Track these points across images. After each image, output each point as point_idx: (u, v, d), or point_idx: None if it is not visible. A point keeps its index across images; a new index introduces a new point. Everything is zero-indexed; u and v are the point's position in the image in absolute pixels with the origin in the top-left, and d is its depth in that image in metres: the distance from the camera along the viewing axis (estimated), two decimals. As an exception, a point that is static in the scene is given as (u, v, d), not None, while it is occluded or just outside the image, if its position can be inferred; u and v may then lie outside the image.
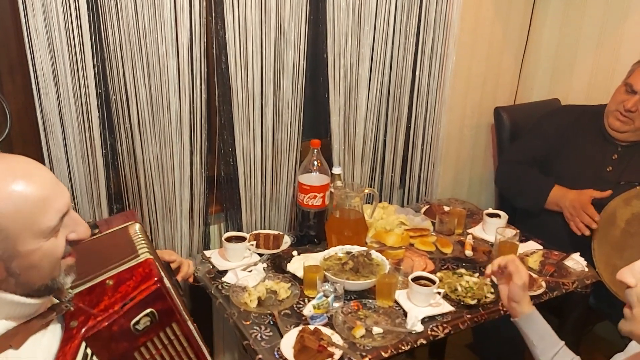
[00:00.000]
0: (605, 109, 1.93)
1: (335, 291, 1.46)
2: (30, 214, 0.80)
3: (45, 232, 0.82)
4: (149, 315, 0.94)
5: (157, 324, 0.96)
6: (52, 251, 0.84)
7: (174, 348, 1.01)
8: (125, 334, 0.92)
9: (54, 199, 0.83)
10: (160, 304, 0.95)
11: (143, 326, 0.93)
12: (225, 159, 1.75)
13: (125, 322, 0.92)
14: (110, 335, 0.91)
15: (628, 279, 0.88)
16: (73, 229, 0.88)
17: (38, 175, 0.83)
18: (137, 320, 0.92)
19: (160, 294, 0.95)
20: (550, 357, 1.25)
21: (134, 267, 0.97)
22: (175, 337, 1.00)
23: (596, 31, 2.24)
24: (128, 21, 1.43)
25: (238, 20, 1.57)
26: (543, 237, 1.89)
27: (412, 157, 2.17)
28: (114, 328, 0.91)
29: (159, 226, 1.69)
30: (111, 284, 0.95)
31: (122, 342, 0.93)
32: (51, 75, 1.39)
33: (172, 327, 0.99)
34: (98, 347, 0.90)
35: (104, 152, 1.53)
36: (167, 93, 1.54)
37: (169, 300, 0.97)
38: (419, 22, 1.93)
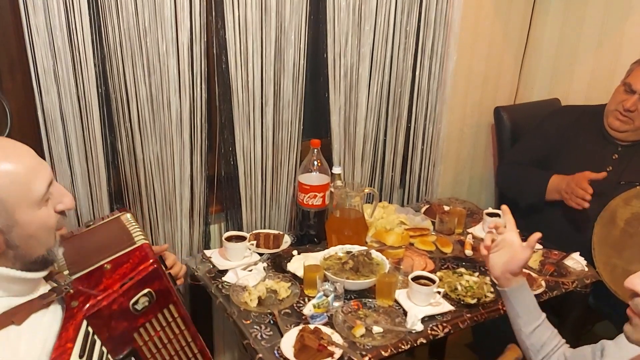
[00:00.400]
0: (605, 109, 1.93)
1: (335, 290, 1.46)
2: (24, 184, 0.88)
3: (38, 200, 0.89)
4: (147, 295, 0.97)
5: (155, 305, 0.99)
6: (46, 220, 0.91)
7: (171, 330, 1.04)
8: (124, 313, 0.96)
9: (39, 170, 0.91)
10: (157, 284, 0.99)
11: (142, 306, 0.97)
12: (226, 158, 1.75)
13: (125, 301, 0.95)
14: (110, 314, 0.94)
15: (638, 288, 0.84)
16: (60, 200, 0.95)
17: (23, 151, 0.92)
18: (136, 299, 0.96)
19: (157, 274, 0.99)
20: (532, 328, 1.26)
21: (131, 251, 1.01)
22: (172, 319, 1.04)
23: (597, 31, 2.24)
24: (128, 20, 1.43)
25: (238, 20, 1.57)
26: (544, 236, 1.87)
27: (412, 157, 2.17)
28: (113, 307, 0.94)
29: (159, 225, 1.69)
30: (109, 267, 0.98)
31: (121, 321, 0.96)
32: (52, 74, 1.39)
33: (169, 309, 1.02)
34: (99, 325, 0.94)
35: (104, 151, 1.53)
36: (167, 92, 1.54)
37: (166, 281, 1.01)
38: (419, 22, 1.93)
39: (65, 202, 0.95)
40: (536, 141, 2.07)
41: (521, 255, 1.28)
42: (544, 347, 1.24)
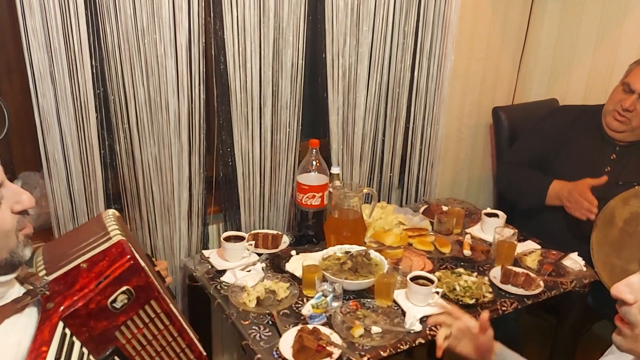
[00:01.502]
0: (603, 109, 1.93)
1: (334, 291, 1.46)
2: None
3: None
4: (126, 293, 0.94)
5: (135, 301, 0.96)
6: (1, 224, 0.85)
7: (155, 327, 1.02)
8: (103, 312, 0.93)
9: None
10: (135, 280, 0.96)
11: (121, 304, 0.94)
12: (224, 159, 1.75)
13: (102, 299, 0.92)
14: (87, 313, 0.91)
15: (625, 296, 0.81)
16: (16, 200, 0.89)
17: None
18: (114, 298, 0.93)
19: (135, 269, 0.96)
20: None
21: (107, 248, 0.98)
22: (155, 315, 1.01)
23: (594, 31, 2.25)
24: (126, 21, 1.43)
25: (237, 21, 1.58)
26: (542, 236, 1.89)
27: (411, 157, 2.17)
28: (91, 306, 0.91)
29: (158, 226, 1.69)
30: (85, 266, 0.95)
31: (101, 320, 0.93)
32: (49, 76, 1.38)
33: (151, 305, 0.99)
34: (76, 325, 0.91)
35: (102, 153, 1.53)
36: (165, 93, 1.54)
37: (144, 276, 0.97)
38: (417, 22, 1.93)
39: (23, 202, 0.90)
40: (534, 141, 2.08)
41: (483, 339, 1.24)
42: None
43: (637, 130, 1.85)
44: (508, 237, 1.69)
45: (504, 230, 1.72)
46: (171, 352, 1.08)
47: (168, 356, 1.08)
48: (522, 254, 1.74)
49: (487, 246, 1.78)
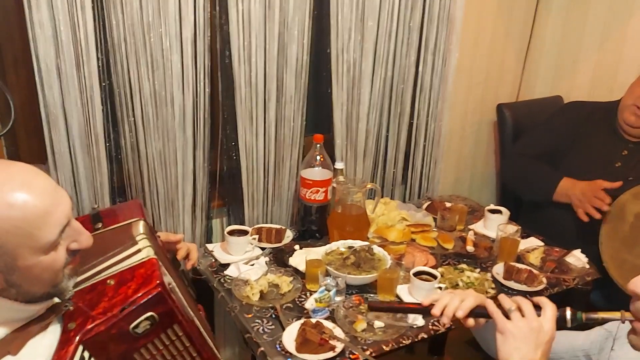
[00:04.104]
0: (617, 105, 1.91)
1: (337, 285, 1.46)
2: (29, 229, 0.77)
3: (45, 247, 0.79)
4: (149, 319, 0.91)
5: (158, 327, 0.93)
6: (52, 264, 0.82)
7: (175, 348, 0.99)
8: (124, 336, 0.90)
9: (53, 212, 0.79)
10: (161, 308, 0.93)
11: (143, 329, 0.91)
12: (228, 154, 1.75)
13: (124, 325, 0.89)
14: (108, 338, 0.89)
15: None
16: (75, 239, 0.85)
17: (37, 185, 0.79)
18: (137, 324, 0.90)
19: (162, 297, 0.92)
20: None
21: (136, 267, 0.95)
22: (177, 337, 0.98)
23: (600, 28, 2.24)
24: (132, 15, 1.43)
25: (242, 15, 1.58)
26: (546, 233, 1.88)
27: (414, 153, 2.17)
28: (112, 331, 0.89)
29: (162, 220, 1.69)
30: (112, 283, 0.93)
31: (120, 344, 0.91)
32: (55, 69, 1.39)
33: (173, 329, 0.97)
34: (96, 349, 0.88)
35: (107, 146, 1.54)
36: (170, 87, 1.54)
37: (170, 303, 0.94)
38: (422, 18, 1.93)
39: (80, 242, 0.86)
40: (545, 135, 2.05)
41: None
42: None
43: None
44: (511, 234, 1.69)
45: (507, 226, 1.72)
46: None
47: None
48: (525, 250, 1.74)
49: (490, 242, 1.79)
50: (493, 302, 0.97)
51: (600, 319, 0.91)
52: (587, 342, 1.11)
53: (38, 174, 0.80)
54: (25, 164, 0.81)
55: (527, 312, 0.93)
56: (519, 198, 2.21)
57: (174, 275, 1.03)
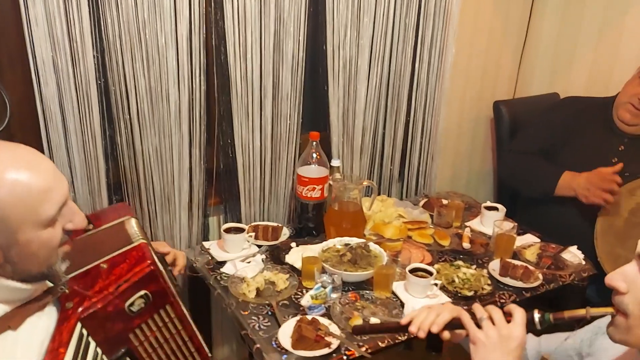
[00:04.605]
0: (612, 101, 1.91)
1: (333, 282, 1.47)
2: (32, 204, 0.82)
3: (44, 222, 0.84)
4: (143, 297, 0.96)
5: (151, 306, 0.98)
6: (50, 241, 0.86)
7: (168, 330, 1.04)
8: (120, 314, 0.95)
9: (54, 189, 0.85)
10: (153, 286, 0.98)
11: (137, 307, 0.96)
12: (225, 151, 1.75)
13: (120, 302, 0.94)
14: (105, 315, 0.93)
15: (618, 284, 0.81)
16: (70, 219, 0.90)
17: (40, 165, 0.85)
18: (132, 301, 0.95)
19: (154, 275, 0.97)
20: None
21: (128, 250, 1.00)
22: (169, 319, 1.03)
23: (596, 25, 2.24)
24: (127, 12, 1.43)
25: (237, 11, 1.57)
26: (543, 229, 1.89)
27: (411, 150, 2.17)
28: (108, 309, 0.93)
29: (158, 217, 1.69)
30: (105, 267, 0.97)
31: (117, 322, 0.95)
32: (51, 65, 1.39)
33: (165, 310, 1.01)
34: (93, 327, 0.92)
35: (103, 143, 1.54)
36: (166, 84, 1.54)
37: (162, 282, 0.99)
38: (418, 14, 1.93)
39: (75, 222, 0.91)
40: (542, 131, 2.05)
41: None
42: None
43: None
44: (507, 230, 1.69)
45: (503, 223, 1.73)
46: (180, 356, 1.10)
47: (177, 359, 1.09)
48: (521, 247, 1.75)
49: (487, 239, 1.79)
50: (467, 314, 0.99)
51: (566, 318, 0.93)
52: (577, 341, 1.12)
53: (41, 156, 0.87)
54: (29, 147, 0.87)
55: (496, 320, 0.95)
56: (515, 195, 2.21)
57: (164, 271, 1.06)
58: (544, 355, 1.15)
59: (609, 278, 0.84)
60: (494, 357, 0.92)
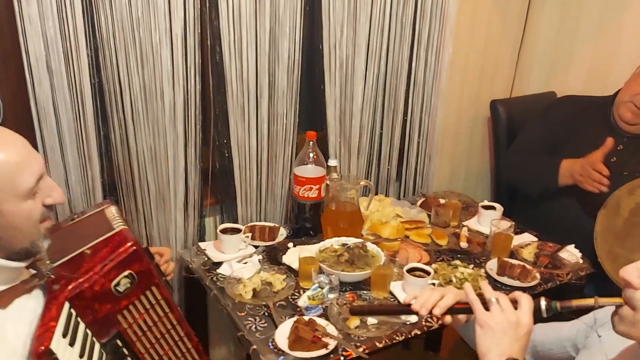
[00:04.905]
0: (612, 100, 1.91)
1: (330, 283, 1.46)
2: (10, 176, 0.87)
3: (24, 193, 0.89)
4: (129, 277, 0.99)
5: (137, 286, 1.01)
6: (31, 213, 0.91)
7: (156, 313, 1.06)
8: (106, 295, 0.97)
9: (29, 162, 0.90)
10: (137, 265, 1.00)
11: (124, 287, 0.99)
12: (220, 151, 1.74)
13: (106, 282, 0.97)
14: (92, 295, 0.96)
15: (632, 279, 0.81)
16: (49, 194, 0.95)
17: (13, 142, 0.91)
18: (118, 281, 0.98)
19: (137, 255, 1.00)
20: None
21: (110, 236, 1.02)
22: (156, 301, 1.05)
23: (594, 23, 2.23)
24: (121, 10, 1.42)
25: (232, 10, 1.56)
26: (540, 228, 1.88)
27: (409, 150, 2.16)
28: (95, 288, 0.96)
29: (153, 217, 1.68)
30: (89, 253, 1.00)
31: (104, 303, 0.98)
32: (44, 64, 1.38)
33: (152, 291, 1.04)
34: (81, 307, 0.95)
35: (97, 142, 1.52)
36: (160, 83, 1.53)
37: (146, 262, 1.02)
38: (415, 13, 1.92)
39: (54, 196, 0.95)
40: (542, 130, 2.04)
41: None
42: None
43: None
44: (504, 230, 1.69)
45: (500, 222, 1.72)
46: (170, 340, 1.12)
47: (167, 343, 1.12)
48: (519, 246, 1.74)
49: (484, 238, 1.78)
50: (474, 293, 0.97)
51: (574, 307, 0.91)
52: (573, 332, 1.12)
53: (13, 134, 0.93)
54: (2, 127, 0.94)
55: (504, 306, 0.93)
56: (513, 194, 2.21)
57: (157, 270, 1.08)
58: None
59: (625, 271, 0.84)
60: (503, 343, 0.90)
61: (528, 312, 0.93)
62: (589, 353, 1.02)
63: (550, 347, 1.14)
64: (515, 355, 0.89)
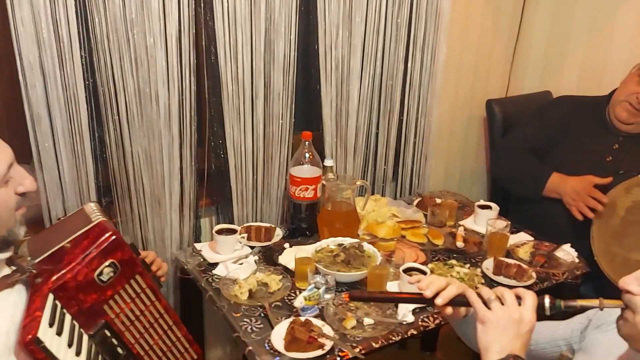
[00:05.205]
0: (607, 99, 1.91)
1: (326, 283, 1.45)
2: None
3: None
4: (111, 266, 1.00)
5: (121, 275, 1.02)
6: (5, 201, 0.92)
7: (142, 302, 1.07)
8: (91, 285, 0.98)
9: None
10: (119, 254, 1.01)
11: (107, 277, 1.00)
12: (216, 152, 1.74)
13: (89, 272, 0.97)
14: (76, 285, 0.96)
15: (633, 288, 0.83)
16: (20, 182, 0.96)
17: None
18: (101, 270, 0.99)
19: (118, 244, 1.01)
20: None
21: (89, 229, 1.03)
22: (141, 290, 1.06)
23: (588, 22, 2.24)
24: (115, 12, 1.41)
25: (227, 11, 1.56)
26: (537, 227, 1.88)
27: (405, 150, 2.16)
28: (78, 278, 0.96)
29: (148, 219, 1.68)
30: (69, 246, 1.00)
31: (89, 293, 0.98)
32: (38, 67, 1.37)
33: (136, 280, 1.05)
34: (66, 298, 0.96)
35: (92, 144, 1.52)
36: (155, 85, 1.52)
37: (128, 251, 1.02)
38: (410, 13, 1.92)
39: (26, 184, 0.96)
40: (535, 129, 2.04)
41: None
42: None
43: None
44: (500, 229, 1.69)
45: (496, 222, 1.72)
46: (159, 329, 1.13)
47: (156, 332, 1.12)
48: (515, 245, 1.74)
49: (480, 238, 1.78)
50: (474, 292, 0.97)
51: (579, 307, 0.92)
52: (568, 331, 1.12)
53: None
54: None
55: (508, 301, 0.92)
56: (508, 193, 2.21)
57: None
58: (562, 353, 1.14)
59: (624, 282, 0.84)
60: (505, 339, 0.89)
61: (532, 309, 0.92)
62: (585, 356, 1.02)
63: (544, 347, 1.15)
64: (516, 351, 0.89)
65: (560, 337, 1.12)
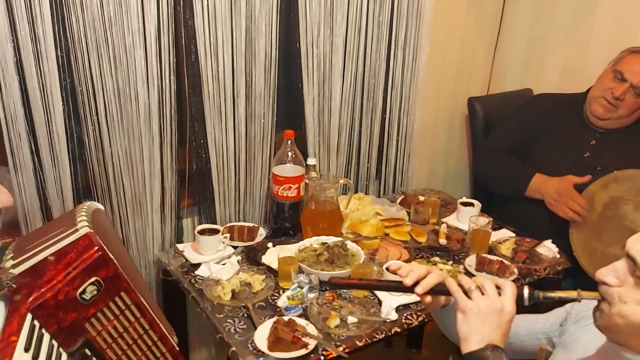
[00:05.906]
0: (584, 96, 1.94)
1: (310, 282, 1.45)
2: None
3: None
4: (95, 284, 0.95)
5: (105, 293, 0.97)
6: None
7: (126, 319, 1.02)
8: (72, 303, 0.93)
9: None
10: (104, 272, 0.96)
11: (90, 295, 0.95)
12: (197, 152, 1.72)
13: (71, 290, 0.92)
14: (56, 304, 0.91)
15: (609, 279, 0.85)
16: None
17: None
18: (83, 289, 0.94)
19: (103, 260, 0.96)
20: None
21: (75, 240, 0.98)
22: (126, 306, 1.01)
23: (567, 21, 2.27)
24: (93, 10, 1.39)
25: (207, 9, 1.54)
26: (519, 224, 1.90)
27: (388, 148, 2.16)
28: (59, 297, 0.92)
29: (130, 220, 1.65)
30: (53, 259, 0.95)
31: (70, 312, 0.94)
32: (13, 67, 1.34)
33: (121, 297, 1.00)
34: (45, 317, 0.91)
35: (70, 146, 1.49)
36: (134, 84, 1.50)
37: (113, 267, 0.98)
38: (392, 12, 1.92)
39: (2, 200, 0.90)
40: (514, 128, 2.06)
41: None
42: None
43: (621, 118, 1.84)
44: (483, 226, 1.70)
45: (479, 219, 1.74)
46: (143, 345, 1.08)
47: (140, 349, 1.08)
48: (497, 242, 1.76)
49: (463, 235, 1.80)
50: (454, 281, 0.97)
51: (557, 298, 0.92)
52: (547, 324, 1.13)
53: None
54: None
55: (489, 291, 0.92)
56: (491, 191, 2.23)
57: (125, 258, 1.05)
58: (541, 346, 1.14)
59: (600, 273, 0.86)
60: (486, 329, 0.89)
61: (512, 300, 0.92)
62: (565, 352, 1.03)
63: (524, 340, 1.15)
64: (496, 342, 0.89)
65: (540, 330, 1.13)
